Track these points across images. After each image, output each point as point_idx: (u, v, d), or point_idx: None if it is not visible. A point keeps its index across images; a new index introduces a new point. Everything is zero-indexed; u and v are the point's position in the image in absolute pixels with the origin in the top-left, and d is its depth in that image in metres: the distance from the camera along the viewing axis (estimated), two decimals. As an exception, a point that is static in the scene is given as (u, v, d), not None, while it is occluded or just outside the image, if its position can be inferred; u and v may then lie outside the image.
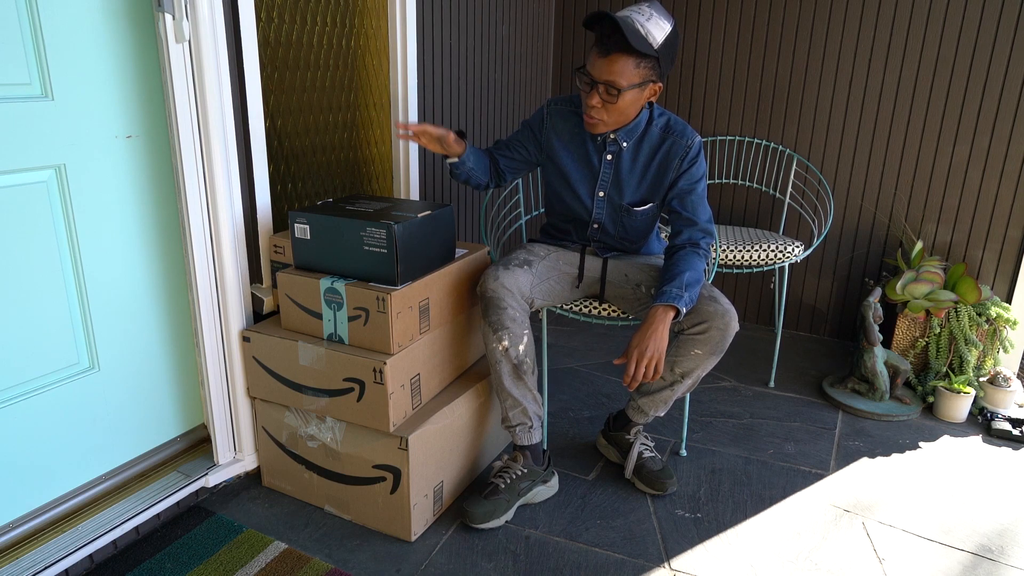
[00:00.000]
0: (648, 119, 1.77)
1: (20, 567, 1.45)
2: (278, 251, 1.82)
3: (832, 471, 2.01)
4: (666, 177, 1.79)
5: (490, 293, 1.72)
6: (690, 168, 1.77)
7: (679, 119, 1.79)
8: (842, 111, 2.72)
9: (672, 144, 1.76)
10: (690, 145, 1.76)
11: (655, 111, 1.78)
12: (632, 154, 1.79)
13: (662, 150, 1.77)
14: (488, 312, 1.72)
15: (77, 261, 1.53)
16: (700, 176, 1.78)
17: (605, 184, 1.83)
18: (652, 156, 1.78)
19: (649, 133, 1.78)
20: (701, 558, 1.65)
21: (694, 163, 1.77)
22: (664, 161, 1.78)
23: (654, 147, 1.78)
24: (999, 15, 2.41)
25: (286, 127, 1.92)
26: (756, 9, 2.77)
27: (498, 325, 1.70)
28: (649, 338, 1.62)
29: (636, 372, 1.61)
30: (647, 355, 1.61)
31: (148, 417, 1.75)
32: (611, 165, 1.80)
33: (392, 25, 2.16)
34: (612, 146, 1.78)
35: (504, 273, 1.74)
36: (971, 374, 2.35)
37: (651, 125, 1.77)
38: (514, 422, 1.80)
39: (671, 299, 1.63)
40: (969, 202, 2.60)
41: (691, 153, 1.76)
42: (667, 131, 1.77)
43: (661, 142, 1.77)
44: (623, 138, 1.76)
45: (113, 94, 1.53)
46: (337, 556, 1.62)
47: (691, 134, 1.77)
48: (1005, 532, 1.77)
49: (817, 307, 2.96)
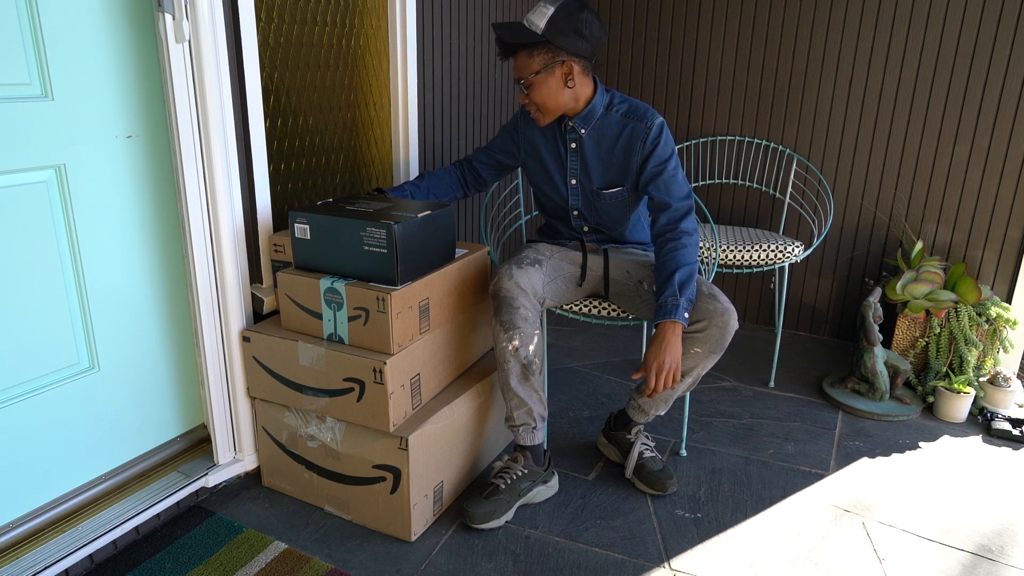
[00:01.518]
0: (608, 105, 1.81)
1: (20, 567, 1.45)
2: (278, 249, 1.82)
3: (832, 471, 2.01)
4: (631, 161, 1.81)
5: (504, 292, 1.72)
6: (655, 149, 1.79)
7: (641, 103, 1.82)
8: (842, 111, 2.72)
9: (633, 128, 1.79)
10: (650, 127, 1.78)
11: (615, 98, 1.82)
12: (594, 140, 1.83)
13: (624, 135, 1.80)
14: (500, 311, 1.72)
15: (77, 261, 1.53)
16: (668, 155, 1.80)
17: (575, 171, 1.87)
18: (615, 141, 1.82)
19: (609, 118, 1.81)
20: (701, 558, 1.65)
21: (657, 143, 1.79)
22: (627, 146, 1.81)
23: (615, 133, 1.81)
24: (999, 15, 2.41)
25: (286, 127, 1.92)
26: (756, 9, 2.77)
27: (510, 324, 1.70)
28: (664, 352, 1.66)
29: (657, 384, 1.68)
30: (665, 368, 1.67)
31: (148, 417, 1.75)
32: (576, 152, 1.85)
33: (392, 25, 2.16)
34: (572, 134, 1.83)
35: (518, 272, 1.75)
36: (971, 374, 2.35)
37: (611, 111, 1.82)
38: (518, 422, 1.80)
39: (669, 314, 1.67)
40: (969, 202, 2.60)
41: (652, 134, 1.78)
42: (628, 116, 1.80)
43: (623, 127, 1.80)
44: (579, 125, 1.81)
45: (113, 94, 1.53)
46: (337, 556, 1.62)
47: (651, 115, 1.79)
48: (1005, 532, 1.77)
49: (817, 307, 2.96)
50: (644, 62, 3.03)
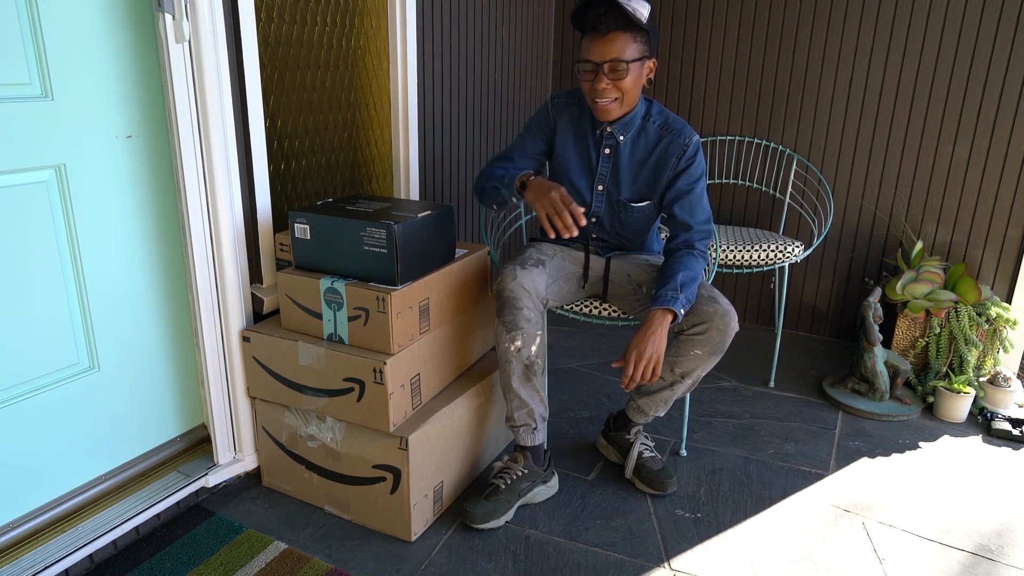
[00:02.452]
0: (645, 115, 1.78)
1: (20, 567, 1.45)
2: (283, 249, 1.82)
3: (832, 471, 2.01)
4: (663, 175, 1.78)
5: (507, 292, 1.71)
6: (688, 167, 1.76)
7: (678, 117, 1.79)
8: (842, 111, 2.72)
9: (670, 142, 1.76)
10: (687, 144, 1.75)
11: (654, 108, 1.79)
12: (630, 149, 1.79)
13: (659, 147, 1.77)
14: (503, 311, 1.71)
15: (77, 261, 1.53)
16: (699, 176, 1.78)
17: (604, 178, 1.83)
18: (649, 153, 1.78)
19: (646, 129, 1.77)
20: (701, 558, 1.65)
21: (692, 162, 1.76)
22: (661, 159, 1.77)
23: (651, 144, 1.78)
24: (999, 15, 2.41)
25: (286, 127, 1.92)
26: (756, 9, 2.77)
27: (512, 325, 1.70)
28: (647, 340, 1.62)
29: (635, 373, 1.62)
30: (645, 356, 1.61)
31: (148, 417, 1.75)
32: (609, 159, 1.80)
33: (392, 25, 2.16)
34: (609, 139, 1.78)
35: (522, 272, 1.73)
36: (971, 374, 2.35)
37: (648, 121, 1.78)
38: (519, 423, 1.80)
39: (666, 302, 1.64)
40: (969, 202, 2.60)
41: (688, 151, 1.75)
42: (665, 128, 1.77)
43: (658, 139, 1.77)
44: (619, 131, 1.76)
45: (113, 94, 1.53)
46: (337, 556, 1.62)
47: (689, 132, 1.76)
48: (1005, 532, 1.77)
49: (817, 307, 2.96)
50: (644, 62, 3.03)
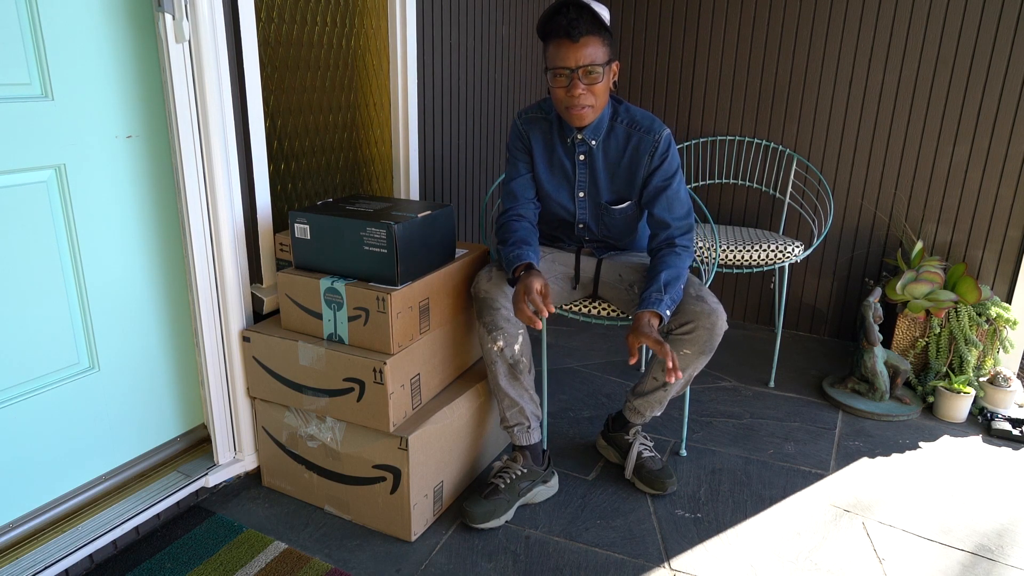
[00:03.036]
0: (613, 116, 1.75)
1: (20, 567, 1.45)
2: (283, 249, 1.82)
3: (832, 471, 2.01)
4: (638, 174, 1.77)
5: (483, 294, 1.72)
6: (661, 164, 1.74)
7: (646, 113, 1.76)
8: (842, 111, 2.72)
9: (639, 140, 1.74)
10: (658, 140, 1.73)
11: (620, 108, 1.76)
12: (602, 152, 1.77)
13: (630, 147, 1.75)
14: (482, 313, 1.72)
15: (77, 261, 1.53)
16: (674, 171, 1.76)
17: (583, 184, 1.82)
18: (621, 154, 1.76)
19: (615, 130, 1.76)
20: (701, 558, 1.65)
21: (665, 158, 1.74)
22: (633, 158, 1.75)
23: (621, 145, 1.76)
24: (999, 15, 2.41)
25: (286, 127, 1.92)
26: (756, 9, 2.77)
27: (492, 326, 1.70)
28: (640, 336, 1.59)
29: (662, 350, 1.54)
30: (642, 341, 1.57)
31: (148, 417, 1.75)
32: (585, 165, 1.79)
33: (392, 25, 2.16)
34: (582, 146, 1.77)
35: (498, 273, 1.75)
36: (971, 374, 2.35)
37: (616, 122, 1.75)
38: (512, 422, 1.80)
39: (650, 305, 1.63)
40: (969, 202, 2.60)
41: (660, 148, 1.73)
42: (633, 127, 1.74)
43: (628, 139, 1.75)
44: (590, 136, 1.74)
45: (113, 94, 1.53)
46: (337, 556, 1.62)
47: (659, 128, 1.73)
48: (1004, 532, 1.77)
49: (817, 307, 2.96)
50: (644, 62, 3.03)
